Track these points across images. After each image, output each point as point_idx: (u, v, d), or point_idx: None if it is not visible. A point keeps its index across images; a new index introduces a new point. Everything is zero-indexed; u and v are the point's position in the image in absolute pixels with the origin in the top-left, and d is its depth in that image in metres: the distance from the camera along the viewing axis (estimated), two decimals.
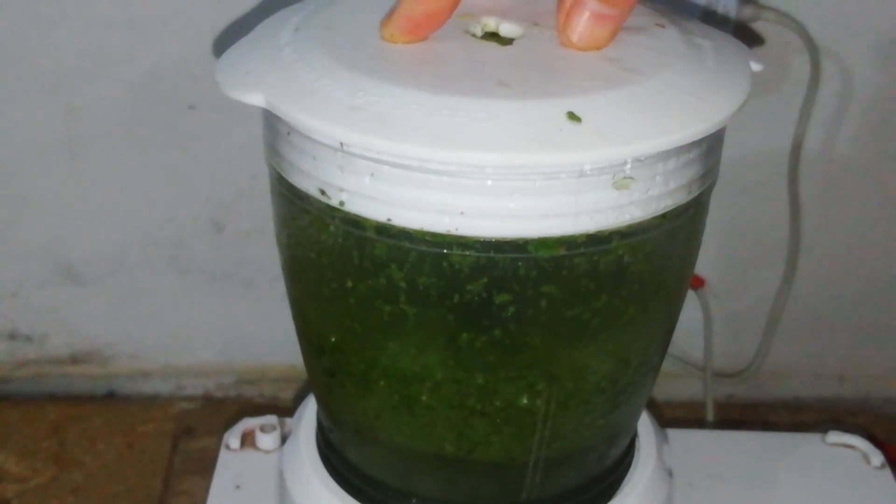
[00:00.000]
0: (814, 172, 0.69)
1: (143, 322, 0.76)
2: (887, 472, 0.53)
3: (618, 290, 0.36)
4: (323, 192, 0.34)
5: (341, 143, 0.33)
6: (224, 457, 0.53)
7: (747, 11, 0.60)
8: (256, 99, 0.34)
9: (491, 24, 0.37)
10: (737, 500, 0.52)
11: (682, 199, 0.35)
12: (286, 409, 0.54)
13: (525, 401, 0.37)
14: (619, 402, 0.41)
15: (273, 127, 0.36)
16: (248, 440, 0.53)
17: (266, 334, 0.76)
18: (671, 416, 0.78)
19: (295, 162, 0.35)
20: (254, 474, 0.51)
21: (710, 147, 0.36)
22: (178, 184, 0.69)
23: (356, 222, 0.34)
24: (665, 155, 0.33)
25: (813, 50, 0.62)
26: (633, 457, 0.46)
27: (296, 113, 0.33)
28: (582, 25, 0.35)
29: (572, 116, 0.32)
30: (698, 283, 0.71)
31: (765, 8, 0.61)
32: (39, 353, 0.77)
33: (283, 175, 0.36)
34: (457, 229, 0.33)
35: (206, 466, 0.65)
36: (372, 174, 0.33)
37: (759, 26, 0.63)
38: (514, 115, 0.31)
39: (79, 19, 0.62)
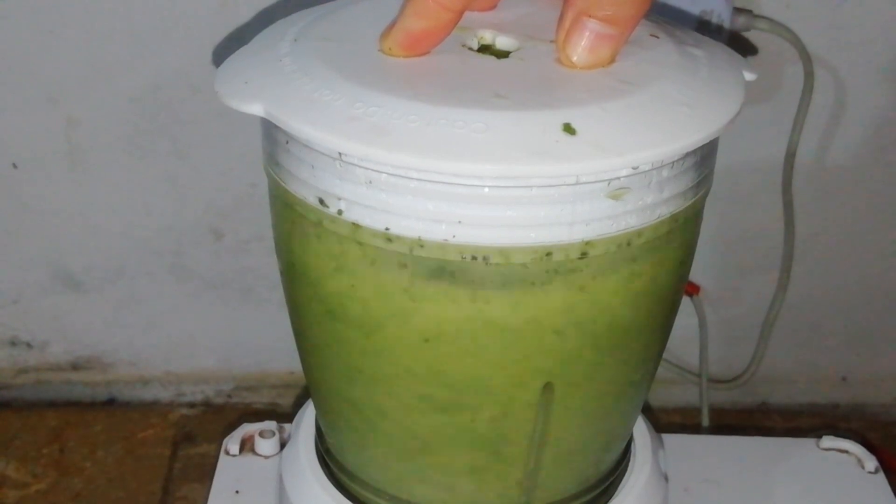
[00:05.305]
0: (807, 180, 0.69)
1: (143, 329, 0.76)
2: (881, 476, 0.54)
3: (613, 296, 0.36)
4: (321, 201, 0.35)
5: (339, 153, 0.33)
6: (223, 462, 0.53)
7: (741, 21, 0.60)
8: (255, 109, 0.35)
9: (487, 37, 0.38)
10: None
11: (676, 207, 0.36)
12: (285, 415, 0.54)
13: (521, 407, 0.38)
14: (615, 407, 0.41)
15: (272, 136, 0.37)
16: (247, 446, 0.53)
17: (265, 341, 0.77)
18: (667, 422, 0.78)
19: (293, 171, 0.36)
20: (253, 480, 0.52)
21: (704, 156, 0.36)
22: (177, 192, 0.69)
23: (354, 231, 0.34)
24: (660, 165, 0.34)
25: (806, 59, 0.63)
26: (629, 462, 0.46)
27: (294, 123, 0.33)
28: (582, 45, 0.35)
29: (568, 128, 0.32)
30: (693, 290, 0.72)
31: (758, 17, 0.61)
32: (40, 359, 0.77)
33: (282, 184, 0.36)
34: (454, 237, 0.33)
35: (205, 472, 0.65)
36: (370, 183, 0.33)
37: (752, 35, 0.63)
38: (511, 126, 0.32)
39: (79, 29, 0.62)
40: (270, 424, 0.54)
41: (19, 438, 0.74)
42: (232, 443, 0.53)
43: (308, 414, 0.48)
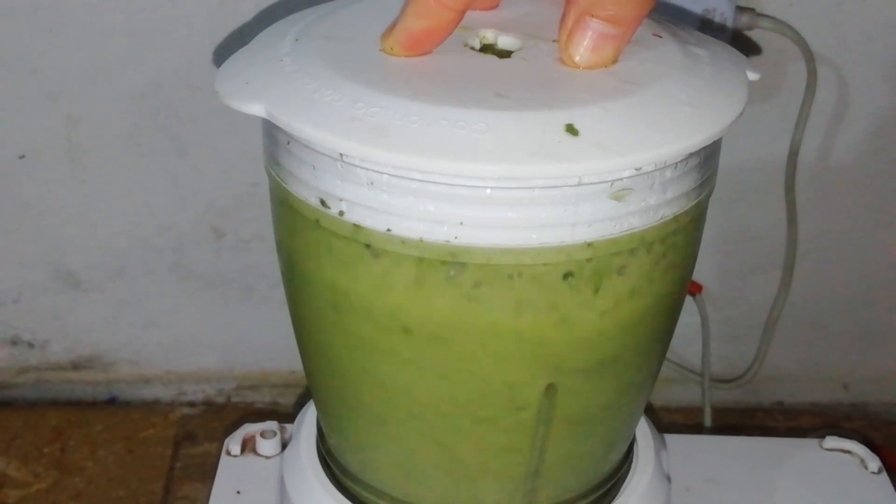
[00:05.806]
0: (810, 179, 0.69)
1: (144, 328, 0.76)
2: (884, 476, 0.53)
3: (616, 297, 0.36)
4: (322, 202, 0.35)
5: (341, 154, 0.33)
6: (225, 462, 0.53)
7: (744, 20, 0.60)
8: (256, 109, 0.34)
9: (489, 36, 0.37)
10: None
11: (679, 208, 0.35)
12: (287, 415, 0.54)
13: (524, 409, 0.37)
14: (618, 408, 0.41)
15: (273, 136, 0.37)
16: (248, 446, 0.53)
17: (266, 340, 0.76)
18: (669, 422, 0.78)
19: (295, 171, 0.35)
20: (254, 480, 0.52)
21: (707, 156, 0.36)
22: (178, 191, 0.69)
23: (356, 232, 0.34)
24: (663, 166, 0.34)
25: (809, 57, 0.62)
26: (631, 462, 0.46)
27: (295, 123, 0.33)
28: (584, 45, 0.34)
29: (570, 128, 0.32)
30: (696, 289, 0.72)
31: (761, 16, 0.61)
32: (41, 359, 0.77)
33: (283, 184, 0.36)
34: (456, 238, 0.33)
35: (206, 472, 0.65)
36: (371, 184, 0.33)
37: (755, 34, 0.63)
38: (513, 127, 0.32)
39: (80, 27, 0.62)
40: (272, 425, 0.54)
41: (20, 438, 0.74)
42: (233, 443, 0.53)
43: (309, 414, 0.48)
